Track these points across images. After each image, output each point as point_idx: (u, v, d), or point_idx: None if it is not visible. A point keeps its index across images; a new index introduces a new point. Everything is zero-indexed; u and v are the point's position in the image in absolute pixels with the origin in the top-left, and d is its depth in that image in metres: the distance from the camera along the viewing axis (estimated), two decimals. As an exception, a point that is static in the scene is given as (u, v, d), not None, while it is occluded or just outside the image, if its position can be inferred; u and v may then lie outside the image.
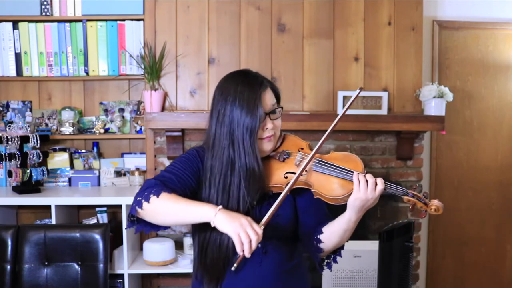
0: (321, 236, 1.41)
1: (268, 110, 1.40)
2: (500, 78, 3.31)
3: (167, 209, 1.26)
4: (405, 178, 3.03)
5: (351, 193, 1.32)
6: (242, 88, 1.38)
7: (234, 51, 2.95)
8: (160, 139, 2.97)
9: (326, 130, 1.42)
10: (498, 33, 3.27)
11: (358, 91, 1.44)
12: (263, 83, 1.42)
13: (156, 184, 1.31)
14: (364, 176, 1.32)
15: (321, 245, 1.41)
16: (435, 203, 1.34)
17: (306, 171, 1.38)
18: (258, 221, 1.27)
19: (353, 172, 1.34)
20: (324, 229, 1.41)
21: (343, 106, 2.90)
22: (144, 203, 1.28)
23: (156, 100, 2.82)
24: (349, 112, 2.81)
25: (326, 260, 1.49)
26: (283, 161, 1.44)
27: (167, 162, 2.97)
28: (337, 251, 1.48)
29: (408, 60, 2.99)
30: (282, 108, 1.46)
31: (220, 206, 1.25)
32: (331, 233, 1.39)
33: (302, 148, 1.46)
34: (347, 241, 1.45)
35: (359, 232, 3.01)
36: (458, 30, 3.25)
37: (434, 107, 2.85)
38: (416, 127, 2.85)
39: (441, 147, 3.31)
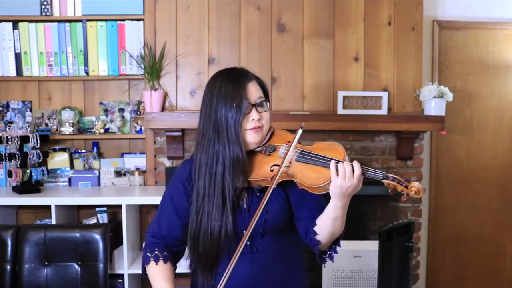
0: (315, 228, 1.41)
1: (254, 102, 1.44)
2: (500, 78, 3.31)
3: (151, 280, 1.50)
4: (405, 178, 3.02)
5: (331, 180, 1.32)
6: (227, 82, 1.43)
7: (234, 51, 2.95)
8: (160, 139, 2.97)
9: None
10: (498, 33, 3.27)
11: (300, 131, 1.41)
12: (248, 75, 1.46)
13: (152, 245, 1.52)
14: (343, 163, 1.31)
15: (317, 237, 1.41)
16: (415, 185, 1.28)
17: (290, 162, 1.40)
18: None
19: (331, 160, 1.33)
20: (317, 220, 1.42)
21: (343, 107, 2.91)
22: (145, 267, 1.53)
23: (156, 100, 2.82)
24: (349, 112, 2.88)
25: (328, 252, 1.48)
26: (269, 154, 1.46)
27: (167, 162, 2.98)
28: (337, 241, 1.47)
29: (408, 60, 2.98)
30: (269, 101, 1.50)
31: None
32: (323, 223, 1.40)
33: (289, 141, 1.45)
34: (344, 230, 1.44)
35: (359, 232, 3.04)
36: (458, 30, 3.25)
37: (434, 107, 2.85)
38: (416, 127, 2.85)
39: (441, 147, 3.31)
